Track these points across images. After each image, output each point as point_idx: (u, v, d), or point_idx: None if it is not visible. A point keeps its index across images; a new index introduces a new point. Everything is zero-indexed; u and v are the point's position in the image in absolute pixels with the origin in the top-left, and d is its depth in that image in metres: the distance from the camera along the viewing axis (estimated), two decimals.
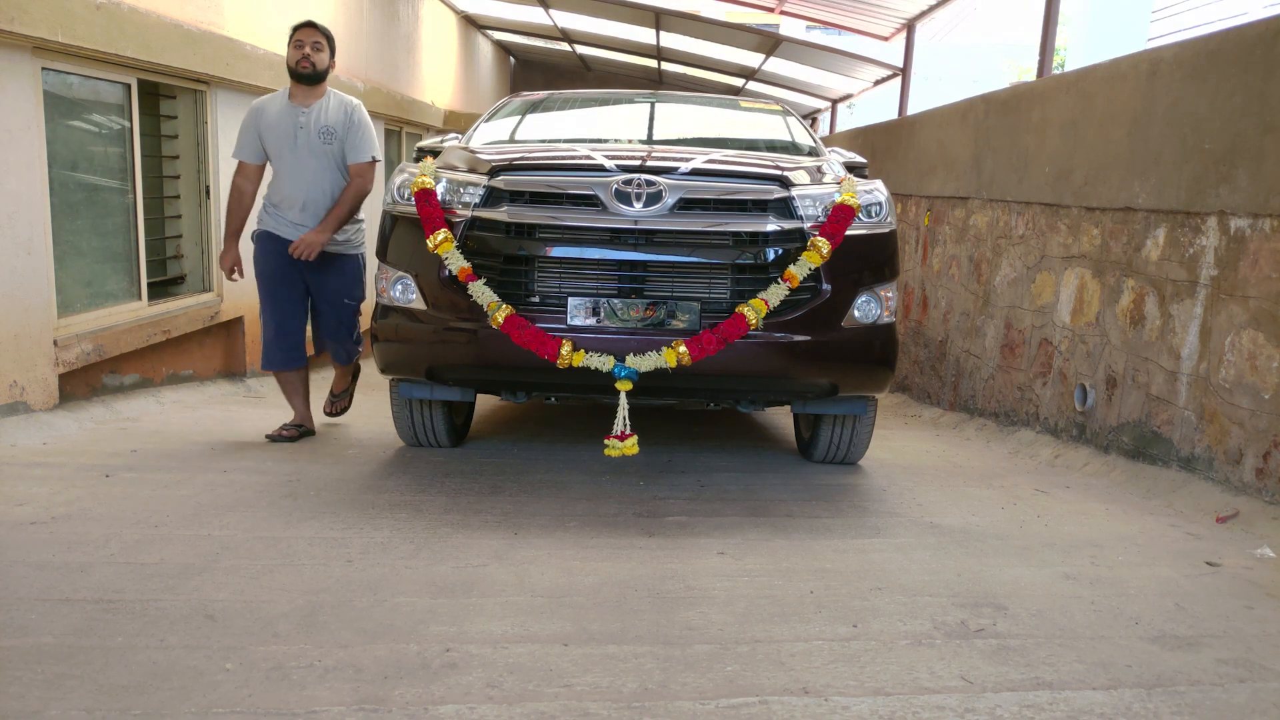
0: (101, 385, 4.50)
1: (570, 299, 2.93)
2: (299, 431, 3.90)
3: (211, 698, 1.54)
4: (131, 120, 4.67)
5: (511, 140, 3.87)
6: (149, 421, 4.25)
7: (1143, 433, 3.56)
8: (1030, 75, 8.43)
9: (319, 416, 4.17)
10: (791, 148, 3.82)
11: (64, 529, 2.51)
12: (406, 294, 3.12)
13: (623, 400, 2.95)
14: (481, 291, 2.93)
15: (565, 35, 12.53)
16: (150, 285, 4.90)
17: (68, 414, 4.02)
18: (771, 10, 9.38)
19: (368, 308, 3.64)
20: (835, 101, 12.27)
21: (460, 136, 3.87)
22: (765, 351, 2.97)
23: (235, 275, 3.85)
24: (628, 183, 2.93)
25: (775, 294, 2.90)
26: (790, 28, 11.88)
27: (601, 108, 4.46)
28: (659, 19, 9.86)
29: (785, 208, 3.01)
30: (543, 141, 3.85)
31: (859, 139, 8.11)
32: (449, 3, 10.83)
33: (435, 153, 3.51)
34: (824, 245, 2.94)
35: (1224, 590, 2.25)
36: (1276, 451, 2.89)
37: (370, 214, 3.99)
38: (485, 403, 4.52)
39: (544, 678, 1.68)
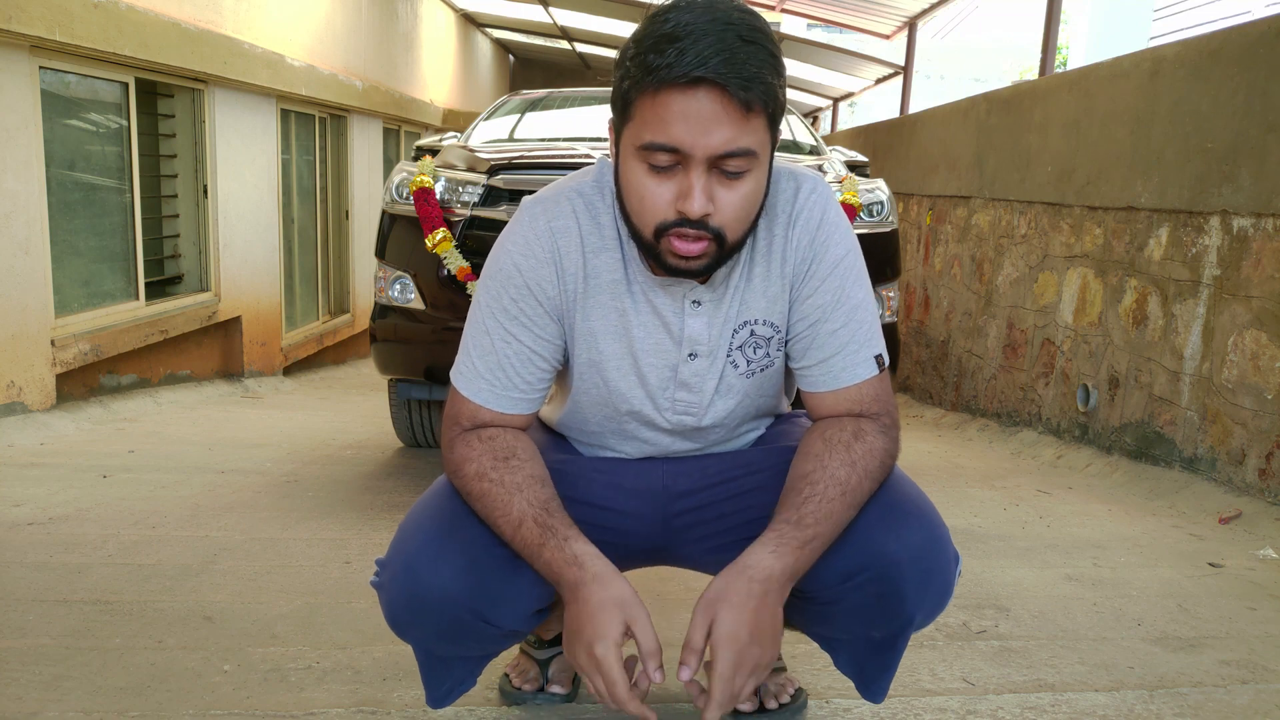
0: (99, 385, 4.49)
1: None
2: None
3: (209, 699, 1.53)
4: (129, 119, 4.66)
5: (511, 139, 3.85)
6: (146, 422, 4.24)
7: (1145, 433, 3.55)
8: (1032, 74, 8.42)
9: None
10: (792, 146, 3.81)
11: (61, 530, 2.50)
12: (405, 293, 3.11)
13: None
14: None
15: (565, 33, 12.53)
16: (148, 285, 4.90)
17: (65, 414, 4.01)
18: (773, 8, 9.35)
19: (366, 308, 3.62)
20: (836, 100, 12.27)
21: (459, 135, 3.86)
22: None
23: None
24: None
25: None
26: (791, 25, 11.86)
27: (601, 106, 4.45)
28: None
29: None
30: (542, 140, 3.83)
31: (860, 137, 8.10)
32: (448, 0, 10.82)
33: (434, 151, 3.50)
34: None
35: (1227, 591, 2.24)
36: (1279, 452, 2.88)
37: (370, 215, 3.97)
38: None
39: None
